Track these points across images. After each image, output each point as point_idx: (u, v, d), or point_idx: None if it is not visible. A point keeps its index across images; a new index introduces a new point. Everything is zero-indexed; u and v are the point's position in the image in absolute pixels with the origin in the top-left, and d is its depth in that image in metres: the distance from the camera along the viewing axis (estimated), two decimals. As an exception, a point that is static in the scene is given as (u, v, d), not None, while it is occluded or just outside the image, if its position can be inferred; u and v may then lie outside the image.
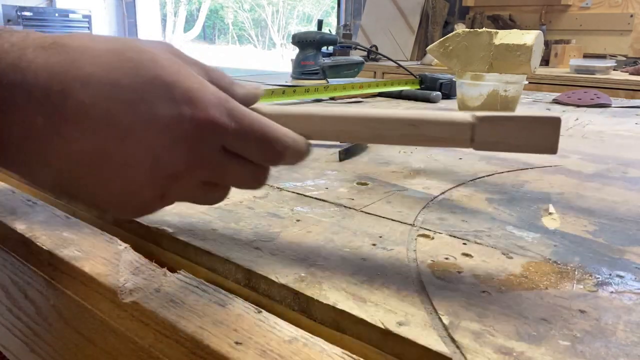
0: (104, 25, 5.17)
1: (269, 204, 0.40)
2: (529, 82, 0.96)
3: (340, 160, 0.54)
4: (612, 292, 0.28)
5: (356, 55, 2.12)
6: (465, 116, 0.31)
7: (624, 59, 2.29)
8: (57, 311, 0.32)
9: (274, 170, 0.37)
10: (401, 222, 0.37)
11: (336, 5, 3.55)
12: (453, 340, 0.23)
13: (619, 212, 0.41)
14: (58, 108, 0.22)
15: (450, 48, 0.94)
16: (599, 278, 0.29)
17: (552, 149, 0.30)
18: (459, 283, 0.28)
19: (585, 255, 0.33)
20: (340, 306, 0.25)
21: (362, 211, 0.39)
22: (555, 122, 0.29)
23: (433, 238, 0.34)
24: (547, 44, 2.22)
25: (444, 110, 0.33)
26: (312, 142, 0.32)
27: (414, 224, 0.37)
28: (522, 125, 0.30)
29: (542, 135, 0.30)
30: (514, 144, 0.30)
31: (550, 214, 0.40)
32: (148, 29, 5.65)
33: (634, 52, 2.32)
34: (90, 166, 0.23)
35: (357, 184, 0.47)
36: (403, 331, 0.23)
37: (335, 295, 0.26)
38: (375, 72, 2.45)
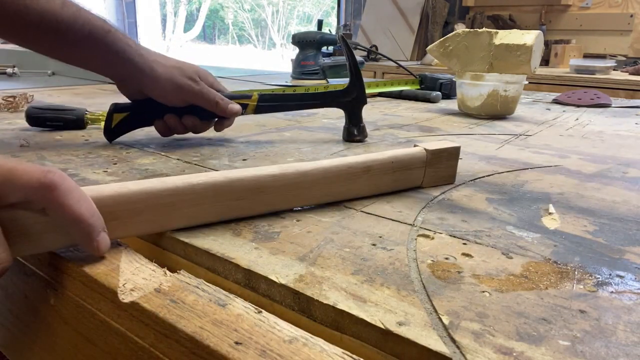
0: (103, 25, 5.17)
1: (269, 204, 0.40)
2: (529, 82, 0.96)
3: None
4: (612, 292, 0.28)
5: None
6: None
7: (624, 59, 2.29)
8: (57, 311, 0.32)
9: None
10: (401, 222, 0.37)
11: (336, 5, 3.54)
12: (453, 340, 0.23)
13: (619, 212, 0.41)
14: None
15: (450, 48, 0.94)
16: (599, 278, 0.29)
17: None
18: (459, 283, 0.28)
19: (585, 255, 0.33)
20: (340, 306, 0.25)
21: (362, 211, 0.39)
22: None
23: (433, 238, 0.34)
24: (547, 44, 2.22)
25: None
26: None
27: (414, 224, 0.37)
28: None
29: None
30: None
31: (550, 214, 0.40)
32: (148, 29, 5.65)
33: (634, 52, 2.32)
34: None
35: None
36: (403, 331, 0.23)
37: (335, 295, 0.26)
38: (375, 72, 2.45)
